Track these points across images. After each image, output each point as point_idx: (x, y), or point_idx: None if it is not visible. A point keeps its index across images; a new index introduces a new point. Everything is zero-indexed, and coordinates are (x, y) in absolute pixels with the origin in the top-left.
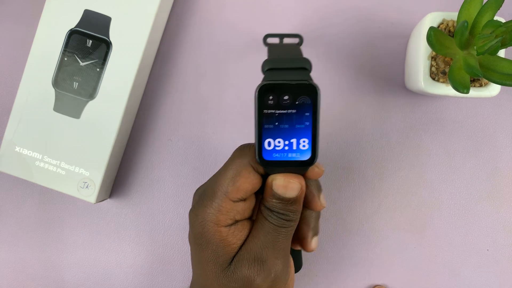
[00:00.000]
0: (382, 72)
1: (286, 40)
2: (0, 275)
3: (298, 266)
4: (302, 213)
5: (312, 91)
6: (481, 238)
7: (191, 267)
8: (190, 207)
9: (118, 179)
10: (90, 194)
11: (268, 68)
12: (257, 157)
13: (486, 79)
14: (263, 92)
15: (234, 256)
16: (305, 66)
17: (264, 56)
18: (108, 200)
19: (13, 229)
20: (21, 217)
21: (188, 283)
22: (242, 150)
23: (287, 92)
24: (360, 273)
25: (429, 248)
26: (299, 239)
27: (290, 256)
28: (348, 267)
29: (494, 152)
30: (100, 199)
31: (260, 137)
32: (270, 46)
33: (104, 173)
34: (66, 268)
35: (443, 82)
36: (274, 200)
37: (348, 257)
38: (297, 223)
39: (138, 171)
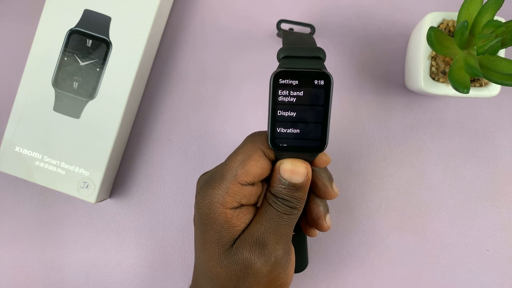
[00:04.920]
0: (382, 72)
1: (296, 29)
2: (0, 275)
3: (304, 264)
4: (310, 198)
5: (325, 80)
6: (481, 238)
7: (191, 267)
8: (190, 206)
9: (118, 179)
10: (90, 194)
11: (284, 55)
12: (269, 141)
13: (486, 79)
14: (278, 79)
15: (236, 239)
16: (319, 56)
17: (265, 56)
18: (108, 200)
19: (13, 229)
20: (21, 217)
21: (189, 282)
22: (253, 136)
23: (301, 79)
24: (360, 273)
25: (429, 248)
26: (313, 221)
27: (291, 243)
28: (348, 267)
29: (494, 152)
30: (100, 199)
31: (274, 122)
32: (285, 34)
33: (104, 173)
34: (66, 268)
35: (443, 82)
36: (280, 186)
37: (348, 257)
38: (300, 212)
39: (138, 171)
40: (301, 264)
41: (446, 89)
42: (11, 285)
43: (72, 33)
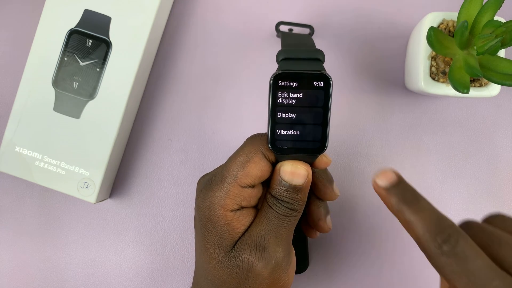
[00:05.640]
0: (382, 72)
1: (295, 30)
2: (0, 275)
3: (305, 266)
4: (310, 200)
5: (325, 82)
6: None
7: (191, 267)
8: (190, 206)
9: (118, 179)
10: (90, 194)
11: (283, 57)
12: (269, 143)
13: (486, 79)
14: (277, 81)
15: (237, 241)
16: (318, 57)
17: (265, 56)
18: (108, 200)
19: (13, 229)
20: (21, 217)
21: (189, 283)
22: (254, 138)
23: (300, 81)
24: (360, 274)
25: None
26: (314, 222)
27: (292, 245)
28: (348, 267)
29: (494, 152)
30: (100, 199)
31: (274, 124)
32: (284, 35)
33: (104, 173)
34: (66, 268)
35: (443, 82)
36: (280, 188)
37: (348, 258)
38: (300, 214)
39: (138, 171)
40: (302, 265)
41: (446, 89)
42: (11, 285)
43: (72, 33)
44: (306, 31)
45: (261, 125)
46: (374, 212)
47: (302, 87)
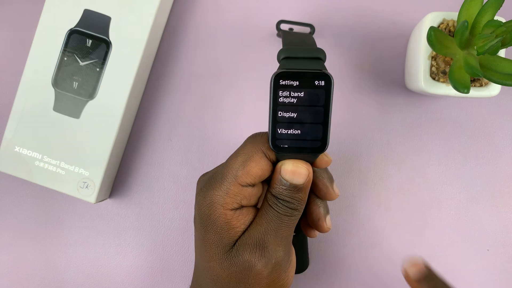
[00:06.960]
0: (382, 72)
1: (296, 29)
2: (0, 275)
3: (305, 265)
4: (310, 199)
5: (326, 81)
6: (481, 238)
7: (191, 267)
8: (190, 206)
9: (118, 179)
10: (90, 194)
11: (284, 56)
12: (270, 142)
13: (486, 79)
14: (278, 80)
15: (237, 240)
16: (320, 56)
17: (265, 56)
18: (108, 200)
19: (13, 229)
20: (21, 217)
21: (189, 282)
22: (254, 137)
23: (301, 80)
24: (360, 274)
25: (429, 248)
26: (313, 222)
27: (292, 245)
28: (349, 268)
29: (494, 152)
30: (100, 199)
31: (274, 123)
32: (285, 34)
33: (104, 173)
34: (66, 268)
35: (443, 82)
36: (281, 187)
37: (348, 257)
38: (300, 213)
39: (138, 171)
40: (302, 265)
41: (446, 89)
42: (11, 285)
43: (72, 33)
44: (306, 30)
45: (262, 125)
46: (374, 212)
47: (303, 86)
